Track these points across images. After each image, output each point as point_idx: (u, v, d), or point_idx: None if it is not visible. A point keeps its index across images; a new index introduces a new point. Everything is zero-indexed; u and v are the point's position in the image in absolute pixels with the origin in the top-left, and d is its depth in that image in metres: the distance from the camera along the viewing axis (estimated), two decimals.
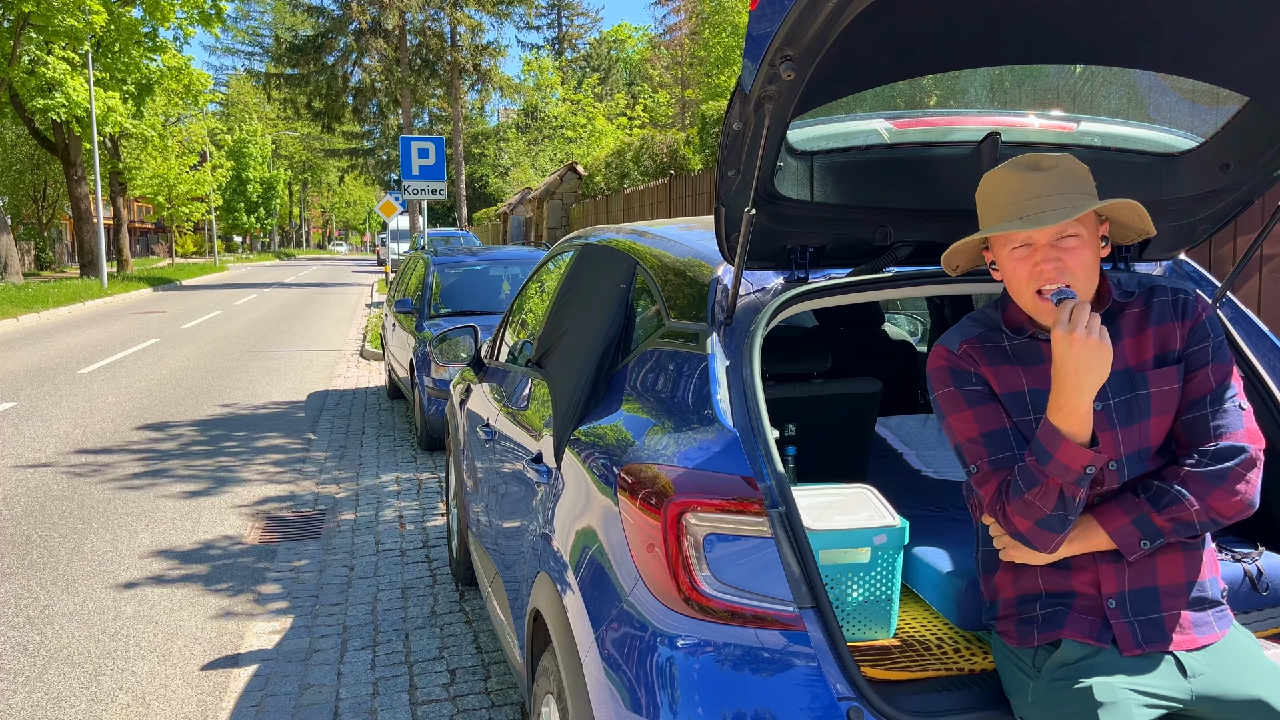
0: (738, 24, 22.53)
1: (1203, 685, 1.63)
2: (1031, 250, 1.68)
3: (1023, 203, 1.68)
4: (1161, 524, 1.66)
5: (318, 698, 3.59)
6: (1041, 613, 1.74)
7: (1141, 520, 1.67)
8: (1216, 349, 1.75)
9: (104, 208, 39.42)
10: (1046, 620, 1.73)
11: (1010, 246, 1.70)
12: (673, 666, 1.76)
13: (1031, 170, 1.69)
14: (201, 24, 29.46)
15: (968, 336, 1.83)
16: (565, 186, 26.35)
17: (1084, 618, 1.70)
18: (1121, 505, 1.69)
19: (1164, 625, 1.68)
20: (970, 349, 1.81)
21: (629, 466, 2.00)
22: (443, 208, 52.17)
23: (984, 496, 1.72)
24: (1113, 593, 1.70)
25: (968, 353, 1.81)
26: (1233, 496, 1.65)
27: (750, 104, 1.72)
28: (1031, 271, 1.68)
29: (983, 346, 1.81)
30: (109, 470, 7.01)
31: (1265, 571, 2.09)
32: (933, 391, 1.82)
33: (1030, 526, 1.65)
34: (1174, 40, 1.88)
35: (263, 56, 58.01)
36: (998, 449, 1.73)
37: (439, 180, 14.06)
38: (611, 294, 2.69)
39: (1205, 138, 2.23)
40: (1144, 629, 1.68)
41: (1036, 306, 1.71)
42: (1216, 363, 1.74)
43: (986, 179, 1.76)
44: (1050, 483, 1.61)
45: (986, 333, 1.83)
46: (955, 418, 1.78)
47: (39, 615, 4.41)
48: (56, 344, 14.88)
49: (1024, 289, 1.70)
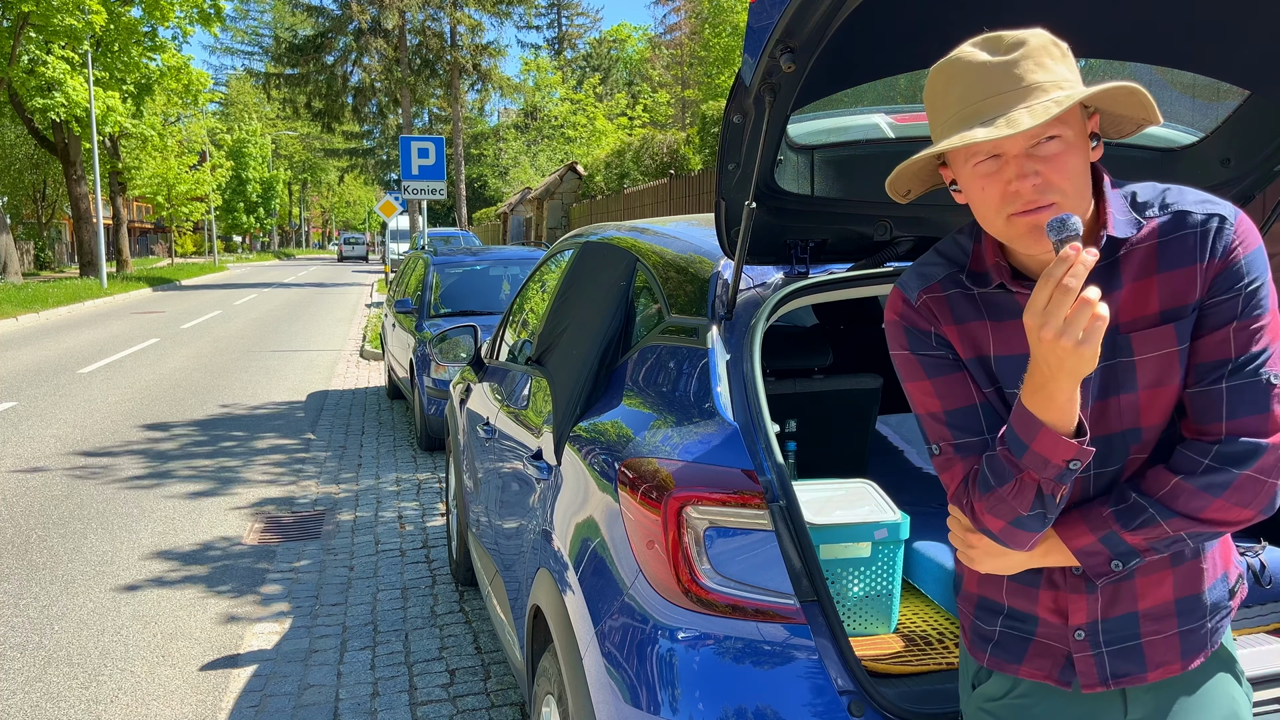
0: (737, 24, 22.55)
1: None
2: (1001, 164, 1.24)
3: (985, 100, 1.23)
4: (1135, 542, 1.30)
5: (317, 698, 3.59)
6: (999, 630, 1.43)
7: (1110, 539, 1.30)
8: (1250, 300, 1.26)
9: (103, 208, 39.47)
10: (1001, 646, 1.43)
11: (973, 161, 1.26)
12: (674, 660, 1.76)
13: (989, 55, 1.25)
14: (201, 23, 29.48)
15: (929, 282, 1.41)
16: (565, 186, 26.36)
17: (1047, 649, 1.39)
18: (1086, 518, 1.32)
19: (1141, 655, 1.35)
20: (930, 301, 1.40)
21: (629, 461, 2.00)
22: (442, 208, 52.18)
23: (947, 484, 1.39)
24: (1081, 624, 1.36)
25: (927, 306, 1.40)
26: (1242, 508, 1.25)
27: (750, 97, 1.72)
28: (1004, 192, 1.24)
29: (946, 296, 1.39)
30: (108, 470, 7.01)
31: (1268, 565, 2.09)
32: (890, 348, 1.45)
33: (1003, 526, 1.30)
34: (1174, 34, 1.88)
35: (262, 56, 58.03)
36: (964, 431, 1.36)
37: (439, 180, 14.05)
38: (612, 290, 2.69)
39: (1206, 132, 2.23)
40: (1114, 661, 1.35)
41: (1011, 232, 1.26)
42: (1246, 319, 1.26)
43: (933, 74, 1.30)
44: (1026, 478, 1.25)
45: (953, 274, 1.40)
46: (913, 386, 1.42)
47: (38, 615, 4.41)
48: (56, 344, 14.88)
49: (994, 214, 1.27)
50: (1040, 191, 1.22)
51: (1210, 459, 1.26)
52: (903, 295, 1.43)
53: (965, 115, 1.25)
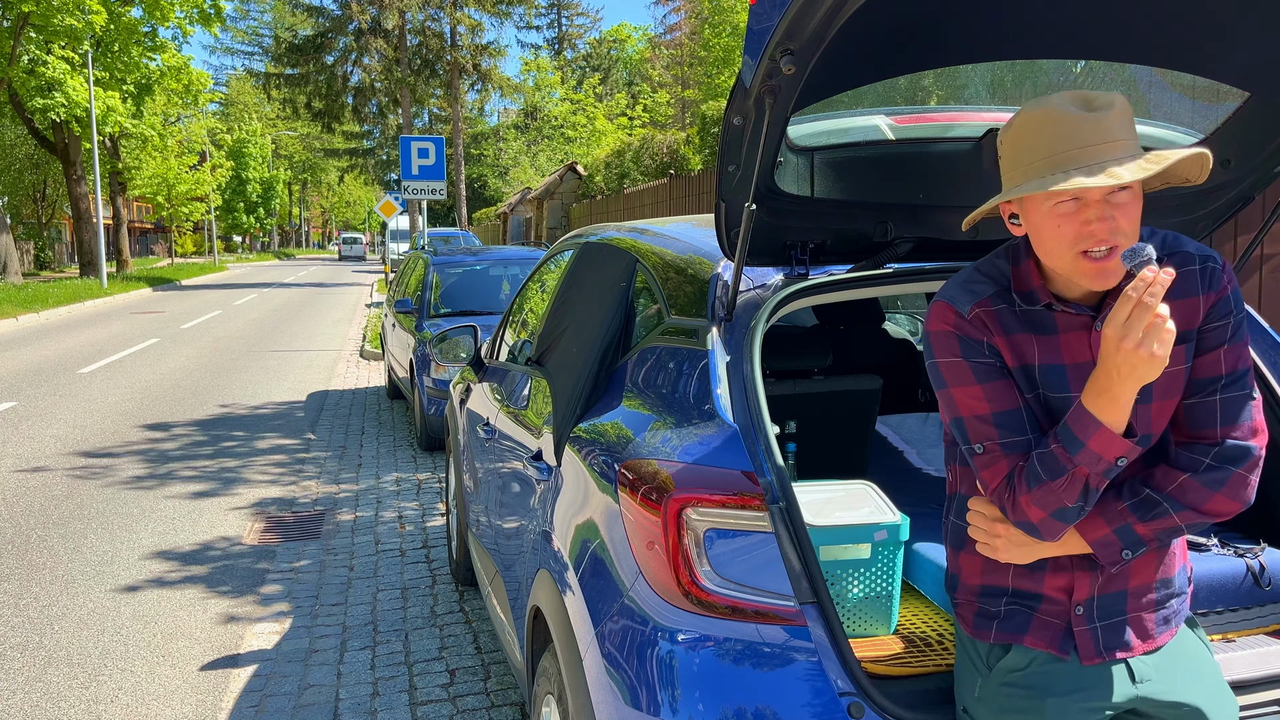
0: (737, 24, 22.55)
1: (1148, 690, 1.59)
2: (1080, 206, 1.42)
3: (1081, 150, 1.41)
4: (1144, 532, 1.53)
5: (317, 698, 3.59)
6: (1004, 609, 1.63)
7: (1124, 530, 1.53)
8: (1236, 328, 1.53)
9: (104, 208, 39.47)
10: (1008, 620, 1.62)
11: (1053, 201, 1.44)
12: (673, 662, 1.76)
13: (1084, 110, 1.43)
14: (201, 24, 29.48)
15: (979, 297, 1.58)
16: (565, 186, 26.36)
17: (1047, 623, 1.60)
18: (1103, 512, 1.53)
19: (1126, 629, 1.59)
20: (984, 314, 1.57)
21: (629, 462, 2.00)
22: (442, 208, 52.18)
23: (988, 481, 1.55)
24: (1083, 599, 1.58)
25: (980, 319, 1.57)
26: (1233, 500, 1.51)
27: (751, 99, 1.72)
28: (1079, 231, 1.42)
29: (996, 310, 1.57)
30: (108, 470, 7.01)
31: (1268, 567, 2.09)
32: (933, 356, 1.60)
33: (1044, 518, 1.49)
34: (1174, 36, 1.88)
35: (262, 56, 58.04)
36: (1010, 431, 1.53)
37: (439, 180, 14.05)
38: (612, 291, 2.69)
39: (1205, 134, 2.23)
40: (1106, 635, 1.59)
41: (1078, 268, 1.44)
42: (1234, 343, 1.53)
43: (1024, 120, 1.48)
44: (1078, 473, 1.44)
45: (999, 292, 1.58)
46: (961, 391, 1.57)
47: (39, 615, 4.41)
48: (56, 344, 14.88)
49: (1065, 250, 1.44)
50: (1112, 233, 1.41)
51: (1211, 459, 1.50)
52: (954, 308, 1.58)
53: (1058, 161, 1.43)
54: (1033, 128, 1.46)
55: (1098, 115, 1.42)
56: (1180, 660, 1.62)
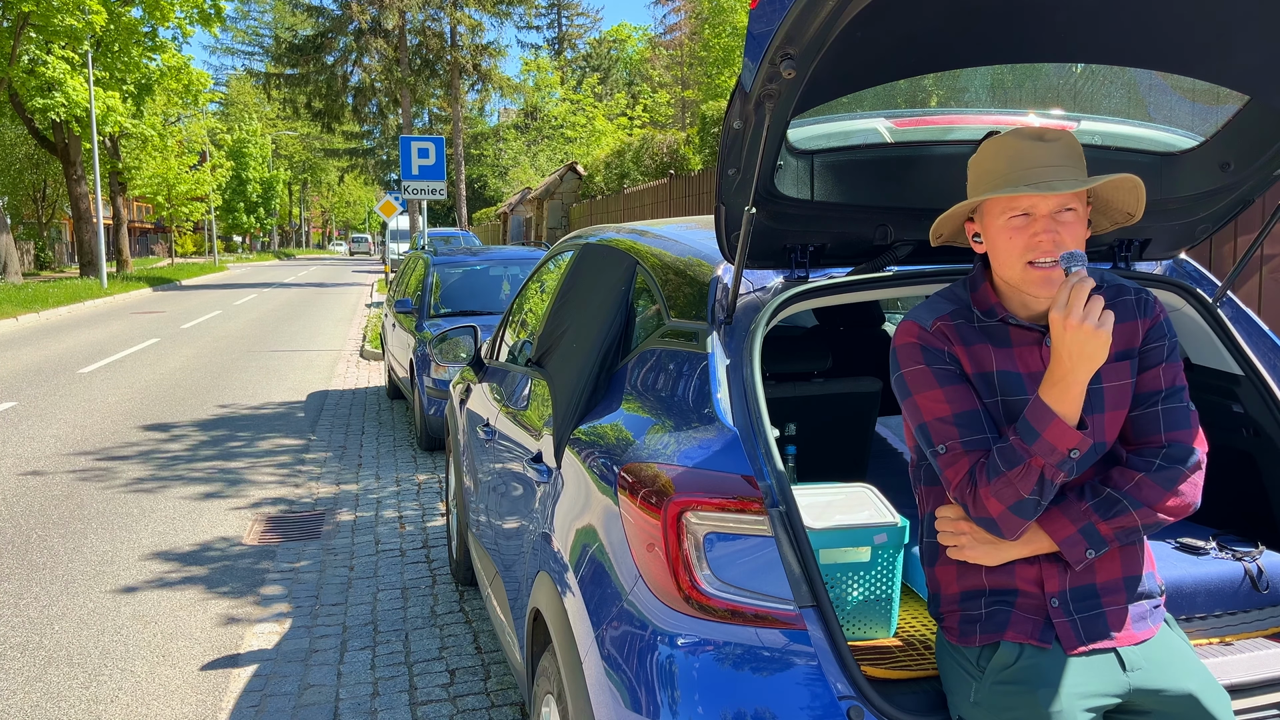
0: (737, 24, 22.54)
1: (1140, 679, 1.65)
2: (1030, 220, 1.64)
3: (1029, 169, 1.64)
4: (1106, 532, 1.66)
5: (317, 698, 3.59)
6: (985, 610, 1.72)
7: (1088, 529, 1.65)
8: (1171, 349, 1.75)
9: (104, 207, 39.45)
10: (989, 620, 1.71)
11: (1007, 215, 1.65)
12: (673, 665, 1.76)
13: (1036, 140, 1.66)
14: (201, 24, 29.46)
15: (940, 314, 1.76)
16: (565, 186, 26.35)
17: (1027, 617, 1.69)
18: (1068, 513, 1.67)
19: (1106, 621, 1.68)
20: (944, 326, 1.75)
21: (629, 465, 2.00)
22: (442, 208, 52.16)
23: (951, 479, 1.68)
24: (1055, 591, 1.69)
25: (941, 330, 1.75)
26: (1183, 499, 1.66)
27: (751, 102, 1.72)
28: (1028, 242, 1.63)
29: (956, 324, 1.75)
30: (108, 470, 7.01)
31: (1265, 570, 2.09)
32: (899, 368, 1.76)
33: (1003, 511, 1.61)
34: (1174, 39, 1.88)
35: (263, 56, 57.97)
36: (970, 430, 1.67)
37: (439, 180, 14.05)
38: (612, 293, 2.69)
39: (1206, 136, 2.23)
40: (1086, 626, 1.68)
41: (1026, 277, 1.65)
42: (1170, 362, 1.73)
43: (985, 147, 1.72)
44: (1033, 463, 1.57)
45: (959, 309, 1.77)
46: (924, 396, 1.72)
47: (39, 615, 4.41)
48: (56, 344, 14.88)
49: (1015, 260, 1.65)
50: (1056, 245, 1.62)
51: (1160, 459, 1.68)
52: (917, 323, 1.76)
53: (1012, 178, 1.66)
54: (992, 153, 1.71)
55: (1048, 145, 1.66)
56: (1167, 652, 1.70)
